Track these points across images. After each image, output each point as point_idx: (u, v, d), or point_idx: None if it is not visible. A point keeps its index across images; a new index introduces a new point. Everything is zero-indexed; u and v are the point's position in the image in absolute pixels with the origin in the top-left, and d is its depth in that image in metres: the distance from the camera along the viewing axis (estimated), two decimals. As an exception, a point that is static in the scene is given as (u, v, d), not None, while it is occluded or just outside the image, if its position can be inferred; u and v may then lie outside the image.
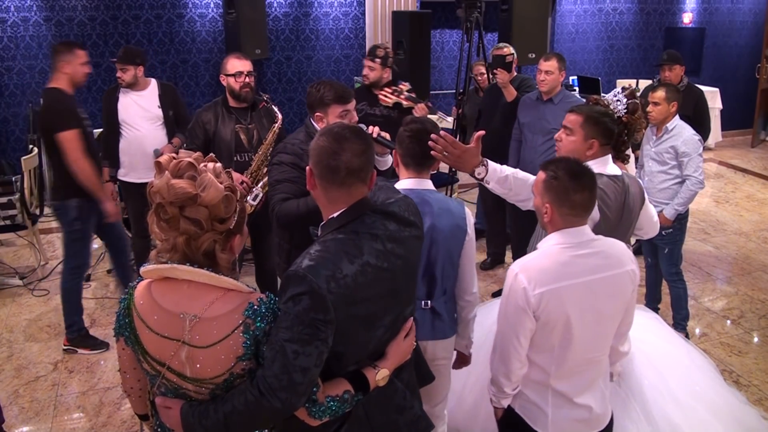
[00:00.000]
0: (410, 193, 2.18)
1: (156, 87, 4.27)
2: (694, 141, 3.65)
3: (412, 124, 2.28)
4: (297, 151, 2.57)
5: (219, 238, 1.48)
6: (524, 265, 1.89)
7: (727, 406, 2.76)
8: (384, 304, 1.61)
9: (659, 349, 2.87)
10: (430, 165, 2.30)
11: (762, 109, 8.71)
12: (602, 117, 2.37)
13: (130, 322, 1.51)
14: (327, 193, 1.61)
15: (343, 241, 1.54)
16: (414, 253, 1.71)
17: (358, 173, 1.58)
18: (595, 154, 2.35)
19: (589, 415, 1.98)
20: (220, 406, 1.44)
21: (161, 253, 1.48)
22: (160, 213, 1.45)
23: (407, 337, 1.72)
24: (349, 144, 1.57)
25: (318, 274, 1.45)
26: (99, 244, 5.41)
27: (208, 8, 6.57)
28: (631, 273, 1.96)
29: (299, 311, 1.43)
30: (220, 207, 1.44)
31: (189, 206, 1.42)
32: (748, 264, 5.10)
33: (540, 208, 1.94)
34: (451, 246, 2.27)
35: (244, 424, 1.45)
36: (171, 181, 1.42)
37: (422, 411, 1.78)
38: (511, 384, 1.96)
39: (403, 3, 6.91)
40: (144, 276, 1.52)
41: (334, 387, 1.55)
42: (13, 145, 6.27)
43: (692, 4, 8.67)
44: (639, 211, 2.47)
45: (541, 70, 4.10)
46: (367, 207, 1.62)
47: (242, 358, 1.47)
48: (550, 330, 1.87)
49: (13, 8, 5.97)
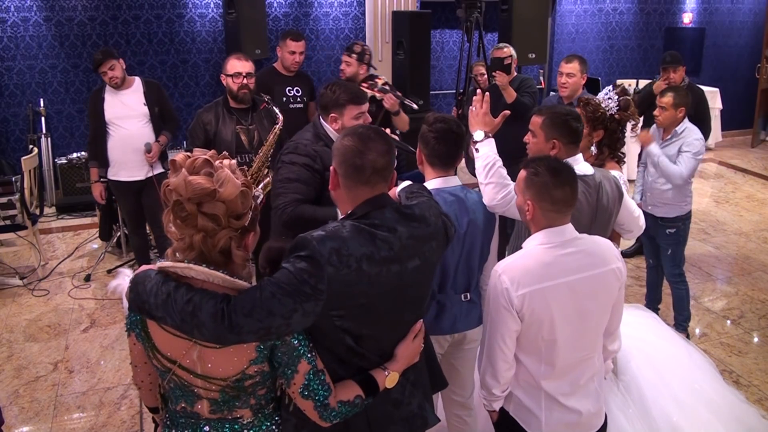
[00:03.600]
0: (441, 192, 2.24)
1: (140, 85, 4.30)
2: (696, 143, 3.63)
3: (437, 123, 2.28)
4: (310, 153, 2.56)
5: (235, 235, 1.48)
6: (507, 265, 1.89)
7: (726, 405, 2.76)
8: (388, 299, 1.60)
9: (659, 348, 2.87)
10: (456, 163, 2.33)
11: (762, 109, 8.71)
12: (562, 117, 2.35)
13: (141, 319, 1.51)
14: (350, 192, 1.64)
15: (359, 227, 1.55)
16: (432, 254, 1.70)
17: (382, 172, 1.62)
18: (559, 153, 2.33)
19: (582, 417, 1.97)
20: (195, 295, 1.40)
21: (177, 251, 1.49)
22: (177, 210, 1.44)
23: (416, 338, 1.71)
24: (374, 144, 1.61)
25: (324, 244, 1.47)
26: (99, 244, 5.42)
27: (208, 8, 6.57)
28: (617, 271, 1.95)
29: (295, 269, 1.45)
30: (238, 202, 1.45)
31: (207, 202, 1.42)
32: (748, 264, 5.10)
33: (522, 206, 1.95)
34: (485, 237, 2.35)
35: (193, 316, 1.40)
36: (188, 178, 1.42)
37: (421, 410, 1.77)
38: (500, 386, 1.96)
39: (403, 3, 6.91)
40: (158, 270, 1.51)
41: (345, 392, 1.56)
42: (13, 145, 6.27)
43: (692, 4, 8.67)
44: (616, 209, 2.46)
45: (563, 72, 3.97)
46: (388, 202, 1.64)
47: (255, 361, 1.47)
48: (535, 330, 1.87)
49: (13, 8, 5.97)
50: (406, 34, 6.12)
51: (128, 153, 4.25)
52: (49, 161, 6.23)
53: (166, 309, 1.42)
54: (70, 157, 6.19)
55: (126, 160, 4.26)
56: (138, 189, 4.36)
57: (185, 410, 1.58)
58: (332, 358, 1.57)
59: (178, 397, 1.58)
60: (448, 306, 2.34)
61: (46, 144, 6.21)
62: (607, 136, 2.78)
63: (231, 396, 1.53)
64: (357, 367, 1.62)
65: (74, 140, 6.41)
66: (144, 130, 4.27)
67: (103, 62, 4.08)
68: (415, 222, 1.65)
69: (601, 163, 2.76)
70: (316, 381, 1.50)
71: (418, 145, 2.36)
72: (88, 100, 4.39)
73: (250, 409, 1.57)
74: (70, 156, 6.21)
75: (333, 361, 1.57)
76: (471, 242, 2.30)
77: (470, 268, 2.34)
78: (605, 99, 2.78)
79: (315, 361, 1.51)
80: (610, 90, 2.81)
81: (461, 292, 2.35)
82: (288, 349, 1.48)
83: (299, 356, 1.49)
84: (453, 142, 2.26)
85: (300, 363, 1.49)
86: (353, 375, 1.60)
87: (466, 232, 2.28)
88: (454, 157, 2.30)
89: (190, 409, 1.57)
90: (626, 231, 2.62)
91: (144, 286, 1.47)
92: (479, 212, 2.31)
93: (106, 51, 4.17)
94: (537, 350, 1.90)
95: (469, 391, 2.52)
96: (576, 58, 4.02)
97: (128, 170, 4.29)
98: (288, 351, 1.48)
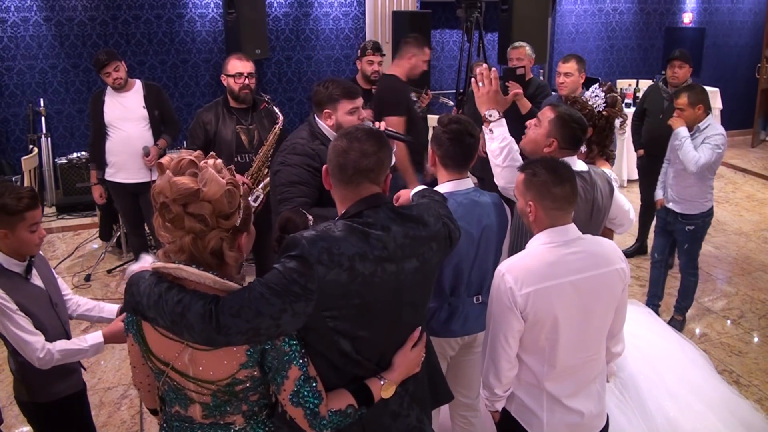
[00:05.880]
0: (454, 195, 2.23)
1: (141, 87, 4.30)
2: (718, 138, 3.62)
3: (451, 125, 2.27)
4: (308, 152, 2.55)
5: (226, 236, 1.47)
6: (511, 265, 1.88)
7: (721, 399, 2.78)
8: (385, 300, 1.58)
9: (653, 344, 2.88)
10: (470, 164, 2.32)
11: (762, 109, 8.71)
12: (572, 123, 2.36)
13: (137, 320, 1.51)
14: (336, 190, 1.65)
15: (352, 226, 1.54)
16: (432, 256, 1.68)
17: (367, 173, 1.60)
18: (552, 153, 2.34)
19: (584, 419, 1.97)
20: (185, 296, 1.41)
21: (169, 253, 1.48)
22: (164, 213, 1.44)
23: (415, 347, 1.67)
24: (359, 144, 1.60)
25: (314, 244, 1.46)
26: (99, 244, 5.42)
27: (208, 8, 6.57)
28: (621, 271, 1.95)
29: (285, 269, 1.44)
30: (223, 201, 1.44)
31: (192, 203, 1.41)
32: (748, 264, 5.10)
33: (524, 208, 1.94)
34: (499, 239, 2.35)
35: (183, 317, 1.40)
36: (173, 179, 1.41)
37: (420, 423, 1.73)
38: (502, 386, 1.95)
39: (403, 3, 6.91)
40: (152, 271, 1.50)
41: (337, 400, 1.51)
42: (13, 145, 6.27)
43: (692, 4, 8.67)
44: (608, 206, 2.47)
45: (560, 72, 3.97)
46: (382, 201, 1.63)
47: (245, 365, 1.46)
48: (538, 330, 1.86)
49: (13, 8, 5.97)
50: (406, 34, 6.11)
51: (126, 155, 4.25)
52: (49, 161, 6.23)
53: (157, 310, 1.42)
54: (70, 157, 6.19)
55: (124, 162, 4.27)
56: (135, 191, 4.36)
57: (179, 414, 1.58)
58: (327, 365, 1.54)
59: (173, 400, 1.57)
60: (461, 309, 2.33)
61: (46, 144, 6.21)
62: (596, 133, 2.79)
63: (223, 401, 1.51)
64: (352, 375, 1.57)
65: (74, 140, 6.41)
66: (143, 133, 4.27)
67: (108, 63, 4.08)
68: (411, 222, 1.63)
69: (591, 161, 2.76)
70: (306, 388, 1.47)
71: (430, 147, 2.34)
72: (90, 102, 4.40)
73: (242, 416, 1.55)
74: (70, 156, 6.21)
75: (327, 368, 1.54)
76: (485, 245, 2.30)
77: (484, 270, 2.33)
78: (592, 97, 2.78)
79: (306, 368, 1.48)
80: (597, 87, 2.81)
81: (474, 295, 2.34)
82: (278, 354, 1.46)
83: (290, 361, 1.46)
84: (467, 143, 2.25)
85: (290, 368, 1.46)
86: (348, 384, 1.56)
87: (481, 235, 2.27)
88: (469, 158, 2.29)
89: (183, 413, 1.56)
90: (618, 225, 2.63)
91: (138, 287, 1.47)
92: (493, 215, 2.30)
93: (111, 52, 4.17)
94: (540, 350, 1.90)
95: (475, 392, 2.52)
96: (573, 58, 4.03)
97: (126, 172, 4.30)
98: (279, 356, 1.46)
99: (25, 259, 2.17)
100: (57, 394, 2.31)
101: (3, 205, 2.05)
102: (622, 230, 2.70)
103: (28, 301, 2.13)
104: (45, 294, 2.23)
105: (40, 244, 2.18)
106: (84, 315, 2.43)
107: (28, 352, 2.09)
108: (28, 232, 2.10)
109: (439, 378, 1.98)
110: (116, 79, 4.12)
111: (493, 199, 2.34)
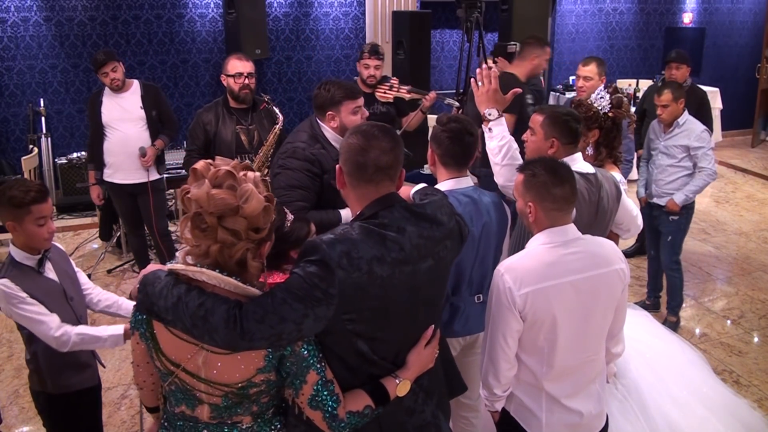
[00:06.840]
0: (454, 194, 2.23)
1: (138, 88, 4.30)
2: (704, 135, 3.73)
3: (451, 123, 2.27)
4: (309, 157, 2.54)
5: (252, 246, 1.45)
6: (510, 265, 1.88)
7: (720, 400, 2.79)
8: (402, 301, 1.57)
9: (653, 347, 2.88)
10: (469, 163, 2.33)
11: (762, 109, 8.71)
12: (563, 117, 2.37)
13: (147, 319, 1.49)
14: (355, 190, 1.63)
15: (369, 229, 1.53)
16: (446, 254, 1.68)
17: (387, 170, 1.59)
18: (557, 152, 2.34)
19: (583, 419, 1.97)
20: (207, 299, 1.40)
21: (190, 255, 1.46)
22: (197, 222, 1.41)
23: (429, 345, 1.68)
24: (377, 142, 1.58)
25: (333, 248, 1.45)
26: (99, 244, 5.42)
27: (208, 8, 6.57)
28: (620, 272, 1.94)
29: (305, 273, 1.43)
30: (260, 218, 1.42)
31: (229, 217, 1.39)
32: (748, 264, 5.10)
33: (524, 209, 1.94)
34: (500, 238, 2.35)
35: (205, 321, 1.39)
36: (212, 192, 1.38)
37: (435, 419, 1.73)
38: (501, 386, 1.95)
39: (403, 3, 6.91)
40: (170, 273, 1.48)
41: (355, 402, 1.53)
42: (13, 145, 6.27)
43: (692, 4, 8.67)
44: (615, 209, 2.47)
45: (579, 75, 3.91)
46: (397, 200, 1.62)
47: (263, 370, 1.45)
48: (537, 330, 1.86)
49: (13, 8, 5.97)
50: (406, 34, 6.12)
51: (124, 156, 4.25)
52: (49, 161, 6.22)
53: (176, 312, 1.40)
54: (70, 157, 6.19)
55: (122, 162, 4.27)
56: (133, 192, 4.36)
57: (184, 414, 1.57)
58: (343, 366, 1.54)
59: (179, 400, 1.56)
60: (462, 308, 2.34)
61: (46, 144, 6.21)
62: (603, 135, 2.79)
63: (234, 402, 1.51)
64: (368, 375, 1.58)
65: (74, 140, 6.41)
66: (141, 134, 4.27)
67: (106, 63, 4.08)
68: (425, 222, 1.62)
69: (599, 164, 2.77)
70: (324, 391, 1.47)
71: (429, 146, 2.34)
72: (87, 103, 4.40)
73: (251, 416, 1.55)
74: (70, 156, 6.21)
75: (344, 369, 1.54)
76: (485, 244, 2.30)
77: (484, 269, 2.33)
78: (597, 98, 2.79)
79: (324, 372, 1.48)
80: (602, 89, 2.82)
81: (475, 294, 2.35)
82: (297, 359, 1.46)
83: (308, 366, 1.46)
84: (467, 142, 2.25)
85: (309, 373, 1.46)
86: (363, 383, 1.57)
87: (481, 233, 2.27)
88: (468, 157, 2.29)
89: (189, 413, 1.55)
90: (624, 230, 2.64)
91: (153, 287, 1.45)
92: (493, 213, 2.30)
93: (109, 52, 4.17)
94: (539, 351, 1.90)
95: (476, 393, 2.52)
96: (594, 61, 3.97)
97: (123, 172, 4.30)
98: (297, 361, 1.46)
99: (39, 253, 2.18)
100: (69, 387, 2.31)
101: (10, 198, 2.07)
102: (629, 235, 2.71)
103: (39, 293, 2.14)
104: (59, 287, 2.23)
105: (50, 238, 2.19)
106: (104, 310, 2.44)
107: (43, 331, 2.09)
108: (36, 225, 2.11)
109: (453, 371, 1.99)
110: (113, 79, 4.11)
111: (492, 198, 2.34)
